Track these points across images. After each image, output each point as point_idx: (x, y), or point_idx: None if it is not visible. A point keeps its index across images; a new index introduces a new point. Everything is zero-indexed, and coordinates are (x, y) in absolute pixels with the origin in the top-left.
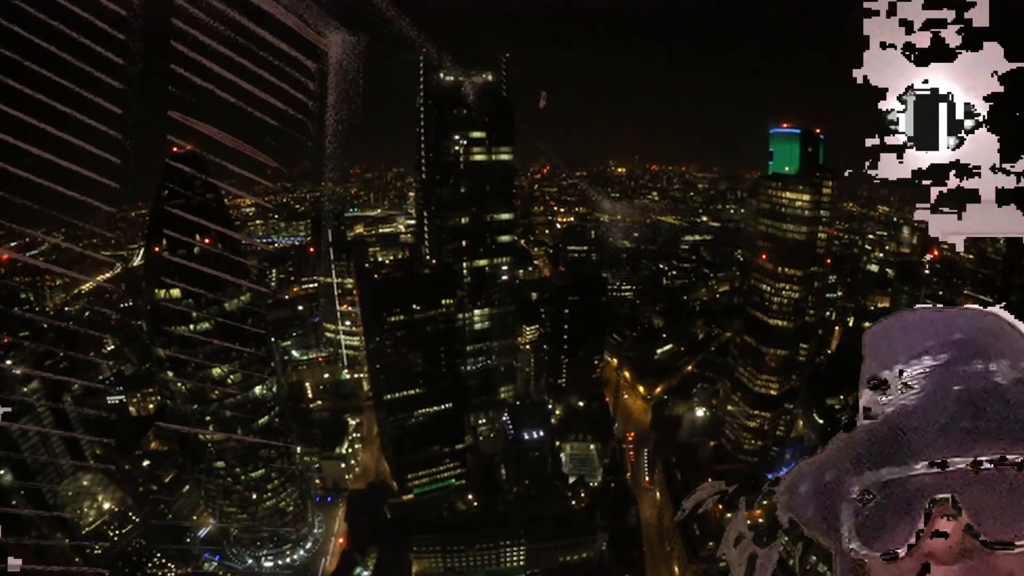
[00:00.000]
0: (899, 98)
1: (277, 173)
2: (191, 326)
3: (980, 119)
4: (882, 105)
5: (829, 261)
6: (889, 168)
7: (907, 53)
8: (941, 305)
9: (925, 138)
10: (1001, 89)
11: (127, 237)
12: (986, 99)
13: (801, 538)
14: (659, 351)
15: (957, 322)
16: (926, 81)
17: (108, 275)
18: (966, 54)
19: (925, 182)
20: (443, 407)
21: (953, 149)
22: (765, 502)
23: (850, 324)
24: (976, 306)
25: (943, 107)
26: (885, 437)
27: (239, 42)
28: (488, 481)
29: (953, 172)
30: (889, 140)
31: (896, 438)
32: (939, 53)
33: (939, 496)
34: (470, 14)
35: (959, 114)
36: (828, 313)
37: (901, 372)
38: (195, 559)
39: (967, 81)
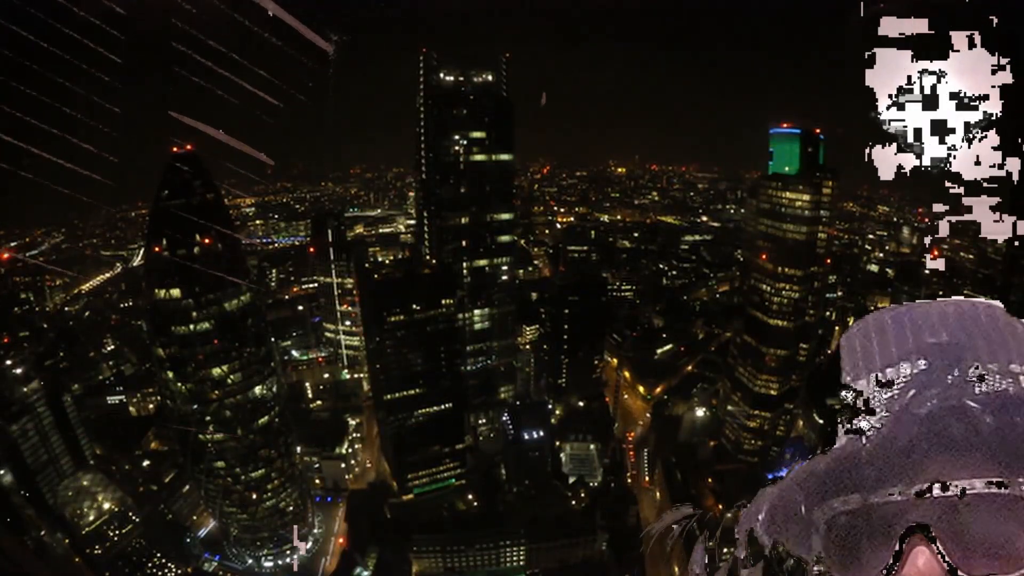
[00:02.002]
0: (899, 99)
1: (277, 173)
2: (191, 326)
3: (981, 119)
4: (882, 105)
5: (829, 261)
6: (889, 168)
7: (908, 53)
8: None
9: (925, 138)
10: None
11: (127, 237)
12: (986, 99)
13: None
14: (659, 351)
15: (944, 320)
16: (926, 81)
17: (108, 275)
18: (966, 54)
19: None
20: (443, 407)
21: (954, 149)
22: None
23: (850, 324)
24: (974, 299)
25: (944, 107)
26: (846, 461)
27: (239, 42)
28: (488, 481)
29: (953, 171)
30: (890, 140)
31: (854, 463)
32: (939, 54)
33: (912, 525)
34: (470, 14)
35: (960, 114)
36: (828, 313)
37: (876, 383)
38: (195, 559)
39: (967, 81)
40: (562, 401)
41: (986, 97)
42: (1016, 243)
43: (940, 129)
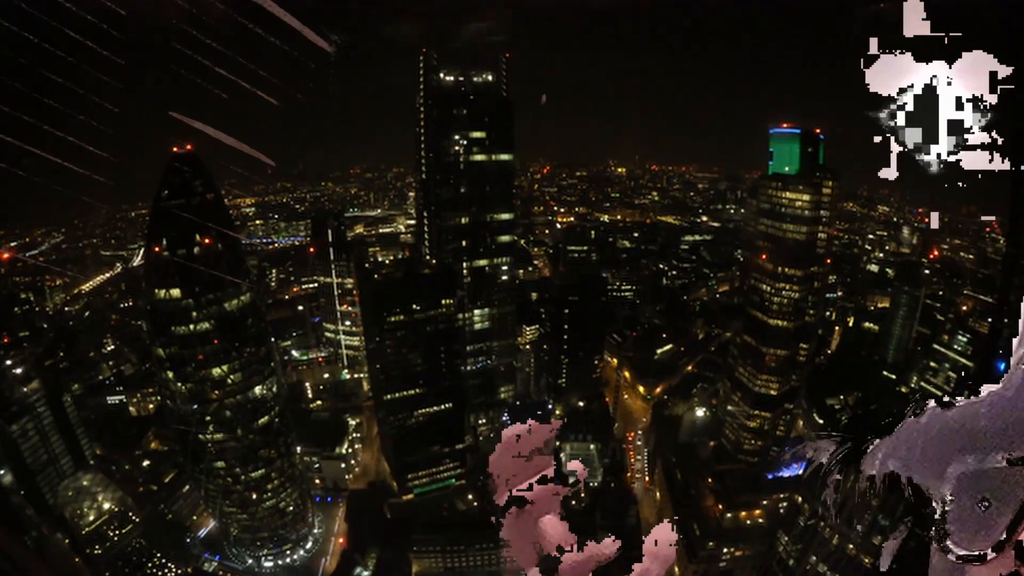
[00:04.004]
0: (900, 100)
1: (277, 173)
2: (191, 326)
3: (981, 119)
4: (883, 106)
5: (829, 261)
6: (891, 167)
7: (908, 55)
8: None
9: (927, 138)
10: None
11: (127, 237)
12: (986, 99)
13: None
14: (659, 351)
15: None
16: (926, 82)
17: (108, 275)
18: (965, 56)
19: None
20: (443, 407)
21: (955, 149)
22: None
23: (850, 324)
24: None
25: (944, 107)
26: (970, 420)
27: (239, 42)
28: (488, 481)
29: (954, 169)
30: (892, 140)
31: (970, 426)
32: (939, 55)
33: None
34: (470, 12)
35: (960, 114)
36: (828, 313)
37: None
38: (195, 559)
39: (967, 82)
40: (562, 401)
41: (986, 98)
42: (1016, 243)
43: (940, 130)
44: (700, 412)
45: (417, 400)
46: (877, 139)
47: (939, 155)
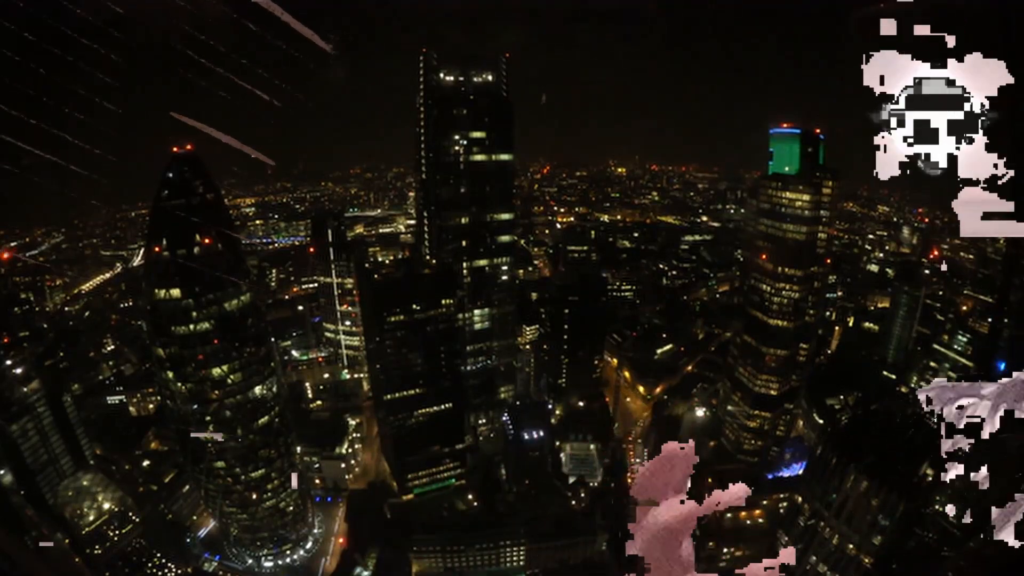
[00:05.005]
0: (900, 100)
1: (278, 173)
2: (191, 326)
3: (982, 120)
4: (884, 107)
5: (829, 261)
6: (889, 168)
7: (908, 56)
8: None
9: (926, 138)
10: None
11: (127, 237)
12: (987, 101)
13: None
14: (659, 351)
15: None
16: (927, 83)
17: (108, 275)
18: (966, 58)
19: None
20: (443, 407)
21: (954, 149)
22: None
23: (850, 324)
24: None
25: (944, 109)
26: None
27: (240, 41)
28: (488, 481)
29: (954, 170)
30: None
31: None
32: (939, 57)
33: None
34: (470, 11)
35: (960, 116)
36: (828, 313)
37: None
38: (195, 559)
39: (968, 84)
40: (562, 401)
41: (986, 99)
42: (1016, 243)
43: (940, 130)
44: (700, 412)
45: (417, 400)
46: (877, 139)
47: (938, 156)
